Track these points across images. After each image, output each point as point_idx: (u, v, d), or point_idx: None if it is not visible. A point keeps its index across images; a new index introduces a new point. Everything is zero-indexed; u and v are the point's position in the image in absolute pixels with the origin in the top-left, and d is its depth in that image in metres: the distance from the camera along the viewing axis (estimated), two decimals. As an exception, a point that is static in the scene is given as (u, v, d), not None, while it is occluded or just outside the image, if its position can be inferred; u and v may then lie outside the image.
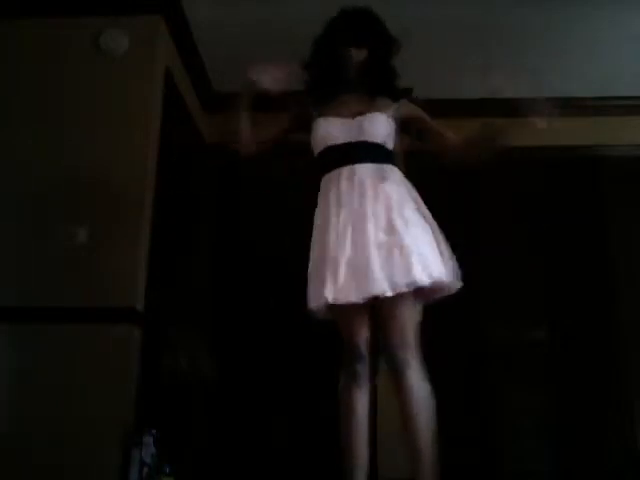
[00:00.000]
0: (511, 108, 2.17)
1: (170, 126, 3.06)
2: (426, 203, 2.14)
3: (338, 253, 1.92)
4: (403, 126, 2.17)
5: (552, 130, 3.95)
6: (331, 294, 1.88)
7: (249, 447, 3.33)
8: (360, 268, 1.88)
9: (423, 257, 1.90)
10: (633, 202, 3.75)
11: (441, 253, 1.98)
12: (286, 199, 3.50)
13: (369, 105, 2.13)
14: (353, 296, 1.87)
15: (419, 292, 1.93)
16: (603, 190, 3.80)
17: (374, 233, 1.92)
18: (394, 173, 2.08)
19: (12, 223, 2.72)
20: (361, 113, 2.09)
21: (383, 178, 2.03)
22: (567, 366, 3.50)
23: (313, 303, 1.96)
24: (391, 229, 1.93)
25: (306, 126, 2.17)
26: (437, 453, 1.90)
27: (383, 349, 1.97)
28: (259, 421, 3.38)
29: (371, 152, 2.07)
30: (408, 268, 1.86)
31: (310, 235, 2.12)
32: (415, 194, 2.09)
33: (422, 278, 1.87)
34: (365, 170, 2.03)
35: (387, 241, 1.91)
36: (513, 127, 2.10)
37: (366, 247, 1.90)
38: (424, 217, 2.04)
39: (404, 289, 1.87)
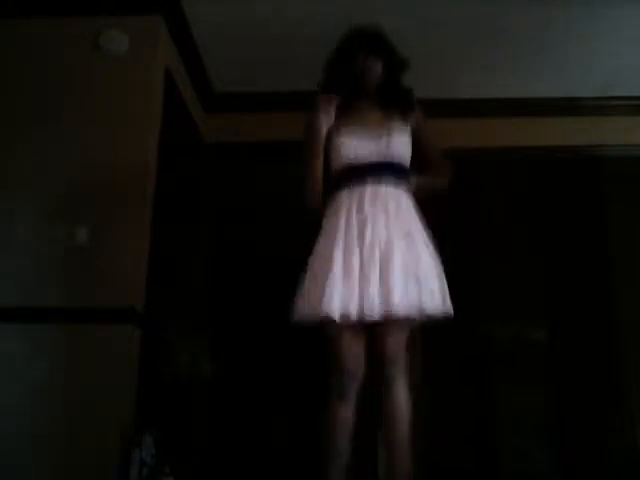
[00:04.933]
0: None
1: (170, 126, 3.06)
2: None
3: (364, 271, 1.94)
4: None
5: (552, 130, 3.99)
6: (351, 309, 1.91)
7: (249, 447, 3.33)
8: (384, 288, 1.92)
9: (433, 287, 1.98)
10: (633, 202, 3.75)
11: (439, 278, 2.05)
12: (286, 199, 3.50)
13: (389, 120, 2.16)
14: (375, 313, 1.91)
15: None
16: (603, 190, 3.80)
17: (398, 256, 1.96)
18: (409, 196, 2.13)
19: (12, 223, 2.72)
20: (385, 129, 2.12)
21: (403, 202, 2.08)
22: (567, 366, 3.50)
23: (317, 312, 1.95)
24: (409, 255, 1.99)
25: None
26: (412, 460, 2.00)
27: (377, 363, 2.03)
28: (259, 421, 3.38)
29: (395, 173, 2.10)
30: (422, 296, 1.94)
31: (311, 234, 2.12)
32: (419, 215, 2.14)
33: (431, 308, 1.96)
34: (389, 192, 2.06)
35: (406, 267, 1.96)
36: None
37: (391, 269, 1.94)
38: (430, 241, 2.09)
39: (416, 315, 1.96)
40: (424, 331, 3.17)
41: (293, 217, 2.60)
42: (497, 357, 3.50)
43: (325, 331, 2.05)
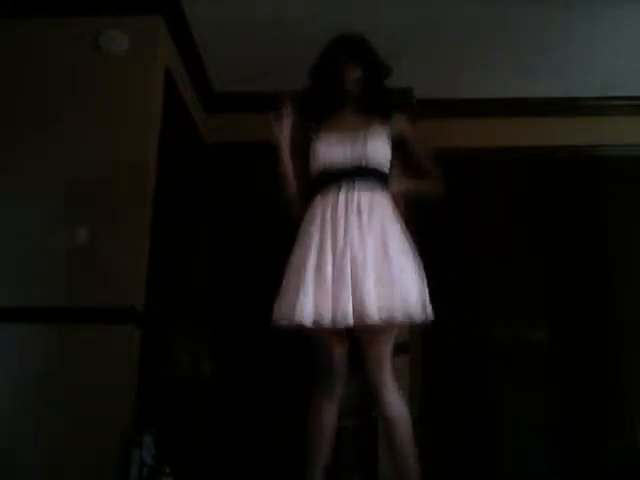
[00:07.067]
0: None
1: (170, 126, 3.06)
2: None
3: (336, 276, 1.94)
4: (393, 143, 2.21)
5: (552, 130, 3.99)
6: (324, 315, 1.91)
7: (249, 447, 3.33)
8: (357, 294, 1.91)
9: (409, 293, 1.95)
10: (633, 202, 3.75)
11: (421, 283, 2.02)
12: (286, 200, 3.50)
13: (367, 125, 2.16)
14: (348, 319, 1.89)
15: None
16: (603, 190, 3.80)
17: (371, 260, 1.95)
18: (386, 199, 2.12)
19: (12, 223, 2.72)
20: (361, 134, 2.12)
21: (377, 206, 2.06)
22: (567, 366, 3.50)
23: (291, 318, 1.96)
24: (383, 259, 1.97)
25: (305, 143, 2.20)
26: (417, 462, 2.02)
27: (363, 371, 2.05)
28: (259, 421, 3.38)
29: (369, 177, 2.10)
30: (396, 301, 1.92)
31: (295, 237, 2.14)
32: (400, 219, 2.13)
33: (408, 314, 1.93)
34: (362, 196, 2.05)
35: (379, 271, 1.95)
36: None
37: (364, 274, 1.93)
38: (408, 245, 2.07)
39: (392, 321, 1.93)
40: (424, 331, 3.18)
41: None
42: (497, 357, 3.51)
43: (307, 334, 2.06)
